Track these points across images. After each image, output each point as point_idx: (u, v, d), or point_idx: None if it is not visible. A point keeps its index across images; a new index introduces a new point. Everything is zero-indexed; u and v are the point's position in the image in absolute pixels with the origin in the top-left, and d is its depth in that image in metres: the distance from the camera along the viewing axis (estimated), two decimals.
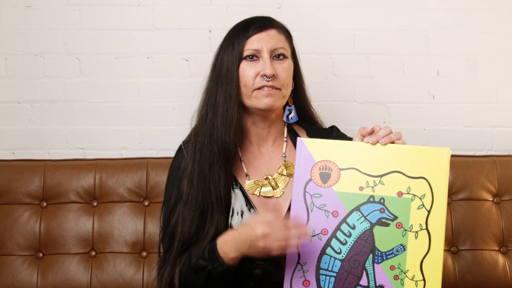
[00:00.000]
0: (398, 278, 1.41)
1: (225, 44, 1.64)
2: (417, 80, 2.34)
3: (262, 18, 1.67)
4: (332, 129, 1.79)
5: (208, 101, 1.64)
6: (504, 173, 2.13)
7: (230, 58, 1.61)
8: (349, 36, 2.33)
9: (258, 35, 1.61)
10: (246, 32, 1.61)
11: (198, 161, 1.60)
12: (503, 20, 2.32)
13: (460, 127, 2.35)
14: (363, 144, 1.47)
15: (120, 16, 2.30)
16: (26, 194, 2.08)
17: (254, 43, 1.60)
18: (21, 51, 2.30)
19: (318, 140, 1.52)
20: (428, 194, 1.42)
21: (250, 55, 1.60)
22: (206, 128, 1.62)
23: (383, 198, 1.44)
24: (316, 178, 1.48)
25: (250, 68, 1.59)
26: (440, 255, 1.39)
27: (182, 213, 1.58)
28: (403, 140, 1.48)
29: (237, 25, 1.67)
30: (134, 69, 2.31)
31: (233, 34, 1.64)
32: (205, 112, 1.64)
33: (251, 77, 1.59)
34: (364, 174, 1.46)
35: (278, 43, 1.62)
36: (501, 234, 2.08)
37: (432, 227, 1.41)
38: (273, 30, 1.63)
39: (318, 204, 1.47)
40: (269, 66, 1.57)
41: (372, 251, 1.42)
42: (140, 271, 2.03)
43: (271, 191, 1.63)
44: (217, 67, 1.64)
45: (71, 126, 2.33)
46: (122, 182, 2.10)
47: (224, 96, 1.60)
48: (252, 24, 1.63)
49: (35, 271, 2.02)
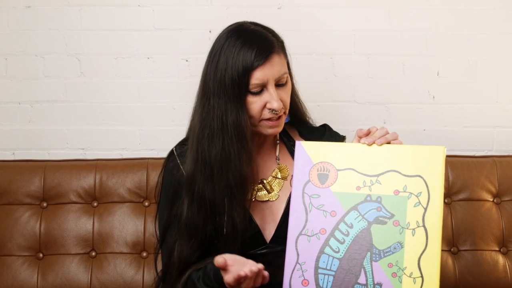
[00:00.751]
0: (396, 275, 1.41)
1: (223, 68, 1.49)
2: (417, 81, 2.34)
3: (261, 41, 1.51)
4: (325, 128, 1.77)
5: (213, 130, 1.53)
6: (504, 174, 2.13)
7: (235, 91, 1.49)
8: (349, 36, 2.33)
9: (261, 68, 1.48)
10: (248, 62, 1.48)
11: (211, 189, 1.54)
12: (503, 20, 2.32)
13: (460, 128, 2.35)
14: (359, 145, 1.49)
15: (120, 16, 2.30)
16: (26, 194, 2.08)
17: (259, 76, 1.49)
18: (21, 51, 2.30)
19: (316, 143, 1.55)
20: (424, 192, 1.43)
21: (256, 91, 1.50)
22: (216, 154, 1.52)
23: (380, 197, 1.45)
24: (314, 179, 1.50)
25: (256, 101, 1.51)
26: (438, 251, 1.40)
27: (180, 242, 1.55)
28: (399, 140, 1.49)
29: (233, 44, 1.50)
30: (134, 70, 2.32)
31: (232, 58, 1.49)
32: (209, 141, 1.53)
33: (258, 110, 1.52)
34: (361, 174, 1.47)
35: (281, 69, 1.52)
36: (501, 234, 2.09)
37: (429, 224, 1.41)
38: (275, 56, 1.51)
39: (316, 204, 1.48)
40: (276, 99, 1.50)
41: (370, 249, 1.43)
42: (140, 272, 2.03)
43: (266, 195, 1.62)
44: (217, 93, 1.51)
45: (71, 126, 2.33)
46: (122, 182, 2.10)
47: (236, 132, 1.51)
48: (252, 50, 1.48)
49: (35, 272, 2.02)
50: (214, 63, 1.52)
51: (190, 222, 1.54)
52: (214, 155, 1.52)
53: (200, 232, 1.54)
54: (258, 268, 1.35)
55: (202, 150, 1.54)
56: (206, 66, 1.56)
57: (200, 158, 1.54)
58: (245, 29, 1.54)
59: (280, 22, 2.28)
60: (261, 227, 1.60)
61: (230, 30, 1.55)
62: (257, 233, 1.59)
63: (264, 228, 1.61)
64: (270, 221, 1.62)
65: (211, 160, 1.52)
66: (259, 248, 1.60)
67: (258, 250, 1.59)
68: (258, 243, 1.59)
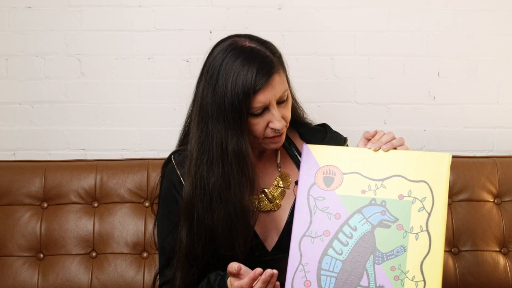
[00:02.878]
0: (399, 279, 1.42)
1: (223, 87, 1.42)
2: (418, 81, 2.34)
3: (260, 62, 1.43)
4: (325, 129, 1.73)
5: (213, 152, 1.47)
6: (505, 174, 2.13)
7: (236, 115, 1.42)
8: (349, 37, 2.33)
9: (263, 91, 1.42)
10: (249, 85, 1.40)
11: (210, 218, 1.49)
12: (504, 21, 2.32)
13: (460, 128, 2.35)
14: (366, 150, 1.50)
15: (120, 17, 2.30)
16: (27, 195, 2.08)
17: (261, 100, 1.42)
18: (21, 52, 2.30)
19: (323, 146, 1.56)
20: (429, 197, 1.44)
21: (258, 113, 1.45)
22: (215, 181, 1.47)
23: (384, 201, 1.46)
24: (320, 182, 1.50)
25: (258, 122, 1.46)
26: (440, 256, 1.40)
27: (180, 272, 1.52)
28: (406, 146, 1.49)
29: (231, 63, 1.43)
30: (135, 70, 2.32)
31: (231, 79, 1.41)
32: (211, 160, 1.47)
33: (261, 130, 1.48)
34: (366, 178, 1.48)
35: (282, 88, 1.46)
36: (502, 235, 2.08)
37: (433, 229, 1.42)
38: (275, 76, 1.44)
39: (321, 206, 1.49)
40: (279, 119, 1.45)
41: (373, 252, 1.44)
42: (141, 272, 2.03)
43: (268, 205, 1.60)
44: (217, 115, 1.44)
45: (72, 127, 2.33)
46: (122, 183, 2.10)
47: (236, 157, 1.46)
48: (251, 74, 1.41)
49: (36, 272, 2.02)
50: (211, 85, 1.44)
51: (189, 251, 1.49)
52: (213, 182, 1.46)
53: (200, 261, 1.50)
54: (274, 272, 1.34)
55: (201, 176, 1.47)
56: (202, 87, 1.48)
57: (199, 184, 1.48)
58: (242, 48, 1.45)
59: (280, 23, 2.30)
60: (261, 236, 1.57)
61: (226, 48, 1.47)
62: (258, 244, 1.56)
63: (265, 238, 1.58)
64: (272, 230, 1.59)
65: (210, 187, 1.46)
66: (262, 257, 1.57)
67: (262, 258, 1.56)
68: (259, 252, 1.57)
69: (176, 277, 1.52)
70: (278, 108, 1.47)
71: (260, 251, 1.57)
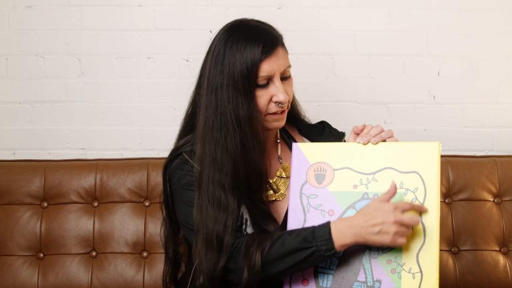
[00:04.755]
0: (395, 272, 1.42)
1: (231, 62, 1.49)
2: (418, 81, 2.34)
3: (266, 34, 1.53)
4: (323, 125, 1.78)
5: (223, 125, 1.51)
6: (505, 174, 2.13)
7: (244, 84, 1.49)
8: (349, 36, 2.33)
9: (268, 60, 1.50)
10: (255, 54, 1.48)
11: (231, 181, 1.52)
12: (504, 20, 2.32)
13: (461, 128, 2.35)
14: (355, 144, 1.51)
15: (120, 16, 2.30)
16: (27, 194, 2.08)
17: (266, 69, 1.49)
18: (21, 51, 2.30)
19: (312, 144, 1.60)
20: (421, 188, 1.44)
21: (263, 84, 1.51)
22: (228, 155, 1.51)
23: (377, 194, 1.46)
24: (312, 180, 1.51)
25: (263, 95, 1.51)
26: (436, 246, 1.41)
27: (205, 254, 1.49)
28: (395, 137, 1.51)
29: (237, 38, 1.51)
30: (135, 70, 2.32)
31: (238, 51, 1.49)
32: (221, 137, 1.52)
33: (265, 104, 1.52)
34: (357, 172, 1.49)
35: (286, 62, 1.55)
36: (502, 234, 2.08)
37: (427, 219, 1.42)
38: (280, 49, 1.53)
39: (314, 204, 1.49)
40: (283, 91, 1.51)
41: (368, 246, 1.44)
42: (141, 272, 2.03)
43: (273, 195, 1.63)
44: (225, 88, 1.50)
45: (72, 126, 2.33)
46: (122, 182, 2.10)
47: (250, 125, 1.51)
48: (258, 44, 1.49)
49: (36, 272, 2.02)
50: (219, 61, 1.51)
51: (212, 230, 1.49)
52: (233, 147, 1.50)
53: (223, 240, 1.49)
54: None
55: (217, 142, 1.52)
56: (209, 67, 1.54)
57: (220, 150, 1.52)
58: (247, 25, 1.55)
59: (280, 22, 2.27)
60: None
61: (230, 27, 1.56)
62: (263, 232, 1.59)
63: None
64: (279, 221, 1.61)
65: (229, 152, 1.51)
66: None
67: None
68: None
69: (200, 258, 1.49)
70: (282, 83, 1.52)
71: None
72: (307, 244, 1.41)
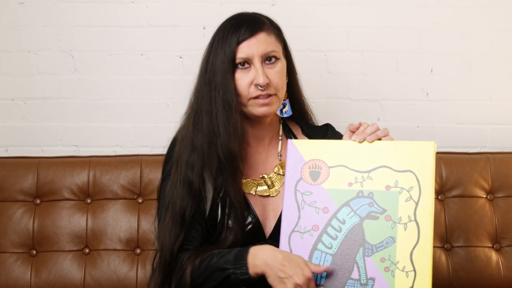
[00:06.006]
0: (389, 270, 1.42)
1: (215, 48, 1.60)
2: (411, 78, 2.34)
3: (250, 20, 1.62)
4: (328, 128, 1.80)
5: (201, 106, 1.61)
6: (498, 170, 2.13)
7: (223, 66, 1.57)
8: (343, 33, 2.33)
9: (247, 42, 1.57)
10: (235, 38, 1.57)
11: (188, 168, 1.59)
12: (497, 18, 2.32)
13: (454, 124, 2.35)
14: (350, 142, 1.52)
15: (113, 13, 2.29)
16: (20, 191, 2.08)
17: (244, 50, 1.56)
18: (14, 48, 2.29)
19: (308, 141, 1.60)
20: (416, 187, 1.45)
21: (242, 63, 1.57)
22: (203, 136, 1.59)
23: (371, 192, 1.47)
24: (306, 177, 1.52)
25: (243, 77, 1.57)
26: (430, 245, 1.41)
27: (164, 218, 1.59)
28: (390, 136, 1.52)
29: (226, 26, 1.62)
30: (128, 66, 2.31)
31: (222, 38, 1.59)
32: (199, 118, 1.60)
33: (245, 87, 1.57)
34: (352, 170, 1.49)
35: (268, 47, 1.59)
36: (495, 231, 2.09)
37: (421, 218, 1.43)
38: (262, 34, 1.59)
39: (309, 201, 1.50)
40: (261, 74, 1.55)
41: (362, 244, 1.45)
42: (134, 268, 2.03)
43: (266, 190, 1.65)
44: (209, 72, 1.60)
45: (65, 123, 2.32)
46: (116, 179, 2.10)
47: (223, 105, 1.57)
48: (241, 28, 1.58)
49: (29, 269, 2.02)
50: (209, 48, 1.63)
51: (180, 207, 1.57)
52: (208, 129, 1.58)
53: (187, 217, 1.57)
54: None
55: (187, 133, 1.62)
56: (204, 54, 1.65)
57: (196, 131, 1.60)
58: (239, 14, 1.66)
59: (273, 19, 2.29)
60: (262, 222, 1.62)
61: (227, 17, 1.66)
62: (258, 228, 1.61)
63: (265, 224, 1.63)
64: (271, 217, 1.64)
65: (204, 133, 1.59)
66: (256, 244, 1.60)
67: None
68: (258, 238, 1.60)
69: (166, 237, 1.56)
70: (265, 67, 1.57)
71: (259, 236, 1.61)
72: (226, 265, 1.47)
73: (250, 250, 1.46)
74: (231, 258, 1.47)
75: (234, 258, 1.46)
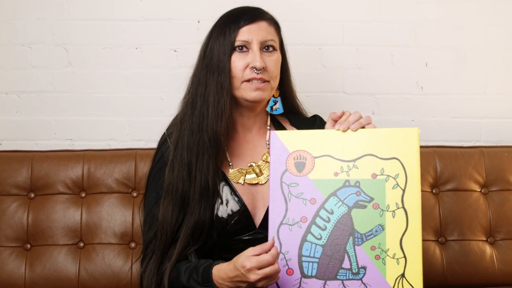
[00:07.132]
0: (380, 258, 1.44)
1: (216, 33, 1.65)
2: (406, 72, 2.34)
3: (253, 9, 1.68)
4: (315, 118, 1.81)
5: (197, 90, 1.64)
6: (492, 164, 2.14)
7: (222, 48, 1.61)
8: (338, 27, 2.33)
9: (248, 27, 1.62)
10: (237, 23, 1.62)
11: (185, 149, 1.61)
12: (492, 11, 2.32)
13: (448, 118, 2.35)
14: (334, 131, 1.52)
15: (108, 6, 2.29)
16: (14, 185, 2.07)
17: (245, 34, 1.61)
18: (8, 41, 2.29)
19: (291, 132, 1.61)
20: (402, 174, 1.46)
21: (240, 46, 1.61)
22: (194, 117, 1.62)
23: (358, 181, 1.47)
24: (292, 168, 1.51)
25: (240, 59, 1.60)
26: (419, 231, 1.43)
27: (163, 203, 1.61)
28: (373, 124, 1.53)
29: (228, 15, 1.68)
30: (123, 60, 2.30)
31: (224, 24, 1.65)
32: (194, 100, 1.64)
33: (241, 68, 1.60)
34: (338, 160, 1.49)
35: (268, 35, 1.64)
36: (489, 224, 2.10)
37: (408, 204, 1.44)
38: (264, 22, 1.65)
39: (295, 193, 1.50)
40: (258, 58, 1.59)
41: (351, 233, 1.45)
42: (128, 262, 2.03)
43: (255, 178, 1.65)
44: (207, 56, 1.64)
45: (59, 117, 2.32)
46: (110, 173, 2.09)
47: (216, 86, 1.60)
48: (243, 15, 1.64)
49: (23, 263, 2.02)
50: (208, 36, 1.67)
51: (171, 184, 1.61)
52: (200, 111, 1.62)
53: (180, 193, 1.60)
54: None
55: (182, 114, 1.67)
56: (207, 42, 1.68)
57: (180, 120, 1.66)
58: (241, 6, 1.71)
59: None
60: (251, 211, 1.63)
61: (228, 10, 1.71)
62: (247, 217, 1.61)
63: (255, 213, 1.63)
64: (260, 206, 1.64)
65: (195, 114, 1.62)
66: (246, 234, 1.61)
67: (244, 236, 1.61)
68: (247, 228, 1.62)
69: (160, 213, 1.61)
70: (262, 54, 1.62)
71: (248, 225, 1.61)
72: (197, 285, 1.51)
73: (213, 269, 1.49)
74: (200, 279, 1.51)
75: (201, 278, 1.50)
